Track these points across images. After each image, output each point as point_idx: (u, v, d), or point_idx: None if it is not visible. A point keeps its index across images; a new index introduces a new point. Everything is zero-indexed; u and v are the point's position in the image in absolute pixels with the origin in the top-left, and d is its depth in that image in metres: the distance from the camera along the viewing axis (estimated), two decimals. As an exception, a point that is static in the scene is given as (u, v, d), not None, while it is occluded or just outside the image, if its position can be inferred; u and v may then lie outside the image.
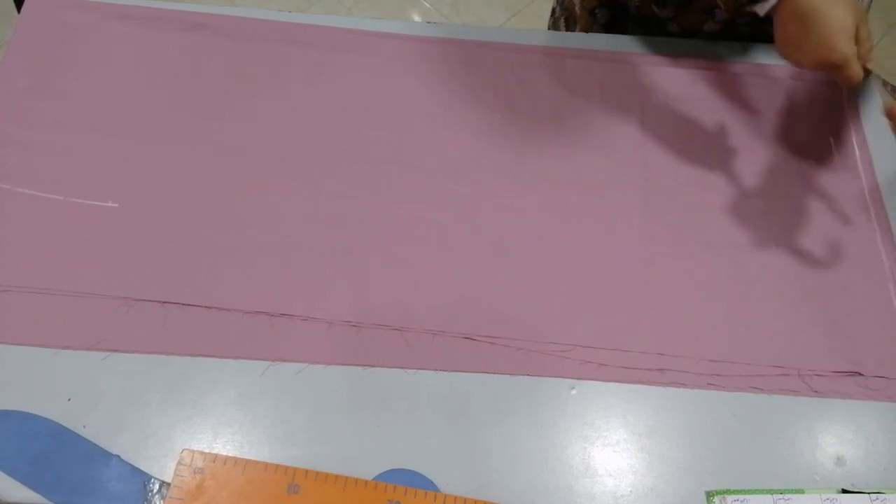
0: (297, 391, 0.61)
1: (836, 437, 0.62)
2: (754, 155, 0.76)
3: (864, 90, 0.81)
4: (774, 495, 0.58)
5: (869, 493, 0.58)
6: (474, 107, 0.77)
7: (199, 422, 0.59)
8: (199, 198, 0.69)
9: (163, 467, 0.56)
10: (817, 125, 0.79)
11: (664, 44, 0.85)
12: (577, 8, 0.91)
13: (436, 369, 0.62)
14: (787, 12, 0.62)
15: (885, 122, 0.79)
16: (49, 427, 0.57)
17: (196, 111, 0.74)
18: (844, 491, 0.59)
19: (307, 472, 0.57)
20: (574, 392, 0.63)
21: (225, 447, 0.58)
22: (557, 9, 1.01)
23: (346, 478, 0.57)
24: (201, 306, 0.63)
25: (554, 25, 1.02)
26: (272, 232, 0.68)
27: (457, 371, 0.62)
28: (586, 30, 0.91)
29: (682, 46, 0.84)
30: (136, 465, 0.56)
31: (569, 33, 0.94)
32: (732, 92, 0.81)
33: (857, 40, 0.61)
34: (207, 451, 0.57)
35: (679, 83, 0.81)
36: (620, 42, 0.84)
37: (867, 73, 0.64)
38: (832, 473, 0.60)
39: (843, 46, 0.60)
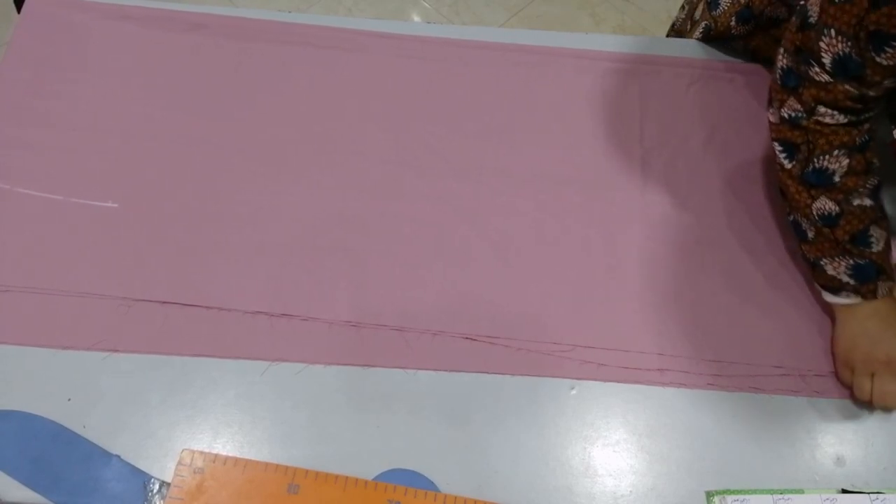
0: (297, 391, 0.61)
1: (836, 437, 0.62)
2: (754, 156, 0.76)
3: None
4: (774, 495, 0.58)
5: (869, 493, 0.58)
6: (474, 107, 0.77)
7: (199, 422, 0.59)
8: (199, 198, 0.69)
9: (163, 467, 0.56)
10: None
11: (664, 44, 0.85)
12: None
13: (436, 369, 0.62)
14: (868, 310, 0.63)
15: (884, 125, 0.79)
16: (49, 427, 0.57)
17: (196, 111, 0.74)
18: (844, 491, 0.59)
19: (307, 472, 0.57)
20: (574, 392, 0.63)
21: (225, 447, 0.58)
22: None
23: (346, 478, 0.57)
24: (201, 306, 0.63)
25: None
26: (272, 232, 0.68)
27: (457, 371, 0.62)
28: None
29: (682, 46, 0.84)
30: (136, 465, 0.56)
31: (569, 33, 0.94)
32: (732, 92, 0.81)
33: None
34: (207, 451, 0.57)
35: (679, 83, 0.81)
36: (621, 42, 0.84)
37: None
38: (832, 473, 0.60)
39: None
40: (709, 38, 0.83)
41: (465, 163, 0.73)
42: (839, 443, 0.62)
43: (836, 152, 0.60)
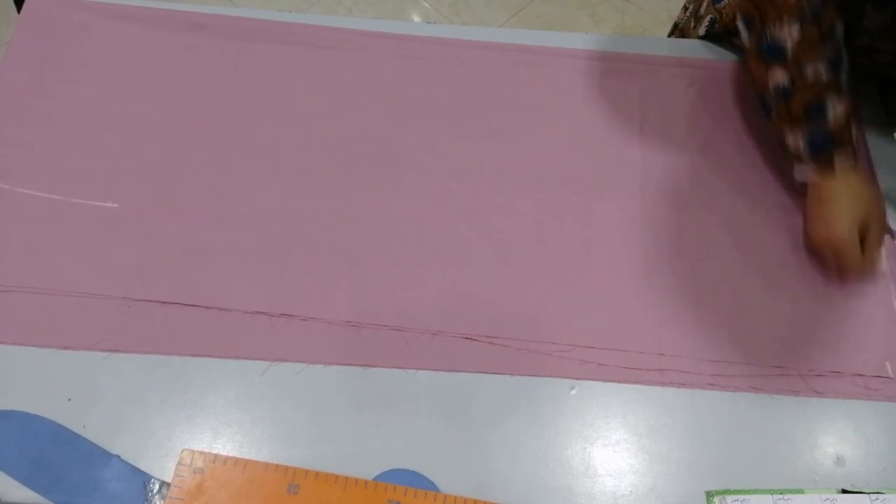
0: (297, 391, 0.61)
1: (836, 437, 0.62)
2: (754, 155, 0.76)
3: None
4: (774, 495, 0.58)
5: (869, 493, 0.58)
6: (474, 107, 0.77)
7: (198, 422, 0.59)
8: (199, 198, 0.69)
9: (163, 467, 0.56)
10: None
11: (664, 44, 0.85)
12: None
13: (436, 369, 0.62)
14: (815, 194, 0.67)
15: (884, 125, 0.79)
16: (49, 427, 0.57)
17: (196, 111, 0.74)
18: (844, 491, 0.59)
19: (307, 472, 0.57)
20: (574, 392, 0.63)
21: (225, 447, 0.58)
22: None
23: (346, 478, 0.57)
24: (201, 306, 0.63)
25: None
26: (272, 232, 0.68)
27: (457, 371, 0.62)
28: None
29: (682, 46, 0.84)
30: (136, 465, 0.56)
31: (569, 33, 0.94)
32: (732, 92, 0.81)
33: (864, 240, 0.65)
34: (207, 451, 0.57)
35: (679, 83, 0.81)
36: (620, 42, 0.84)
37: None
38: (832, 473, 0.60)
39: (841, 230, 0.64)
40: (713, 32, 0.84)
41: (465, 163, 0.73)
42: (839, 443, 0.62)
43: (785, 20, 0.62)
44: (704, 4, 0.85)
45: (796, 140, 0.66)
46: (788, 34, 0.62)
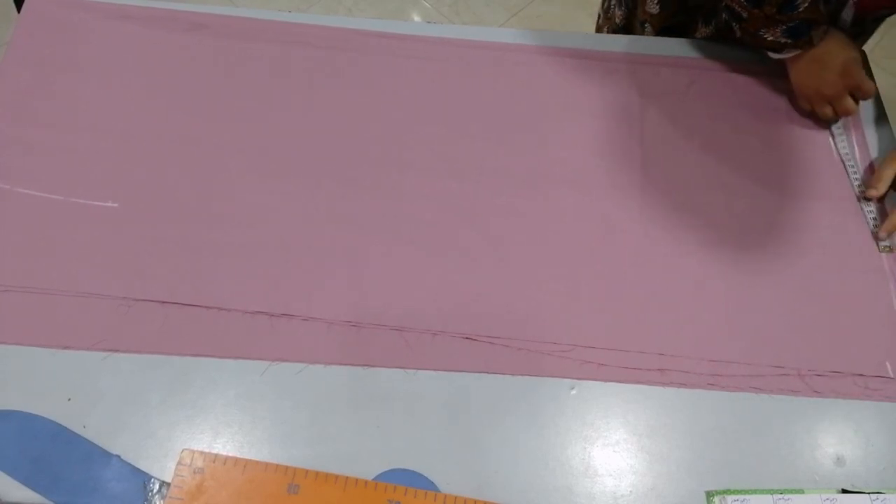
0: (297, 391, 0.61)
1: (836, 437, 0.62)
2: (753, 155, 0.76)
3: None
4: (774, 495, 0.58)
5: (869, 493, 0.58)
6: (474, 107, 0.77)
7: (198, 422, 0.59)
8: (199, 198, 0.69)
9: (163, 467, 0.56)
10: (817, 125, 0.79)
11: (664, 44, 0.85)
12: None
13: (436, 369, 0.62)
14: (803, 60, 0.76)
15: (884, 124, 0.79)
16: (49, 427, 0.57)
17: (196, 111, 0.74)
18: (844, 491, 0.59)
19: (307, 472, 0.57)
20: (574, 392, 0.63)
21: (225, 447, 0.58)
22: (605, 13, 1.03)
23: (346, 478, 0.57)
24: (201, 306, 0.63)
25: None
26: (272, 232, 0.68)
27: (457, 371, 0.62)
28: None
29: (681, 46, 0.84)
30: (136, 465, 0.56)
31: (569, 33, 0.94)
32: (732, 92, 0.81)
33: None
34: (207, 451, 0.57)
35: (679, 83, 0.81)
36: (620, 42, 0.84)
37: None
38: (832, 473, 0.60)
39: (860, 72, 0.75)
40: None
41: (465, 163, 0.73)
42: (839, 443, 0.62)
43: None
44: None
45: (775, 33, 0.73)
46: None
